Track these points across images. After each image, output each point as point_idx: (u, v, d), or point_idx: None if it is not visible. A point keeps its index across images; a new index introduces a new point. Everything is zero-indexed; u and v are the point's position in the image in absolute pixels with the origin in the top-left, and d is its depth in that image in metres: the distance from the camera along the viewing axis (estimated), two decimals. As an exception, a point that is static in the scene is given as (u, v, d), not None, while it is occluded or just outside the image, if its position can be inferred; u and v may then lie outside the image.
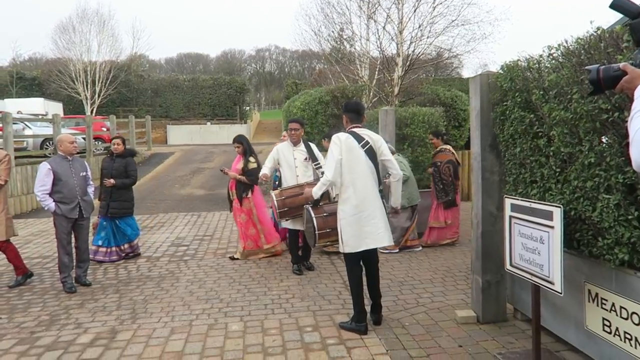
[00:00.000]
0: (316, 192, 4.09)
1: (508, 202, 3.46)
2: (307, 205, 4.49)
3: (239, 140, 6.42)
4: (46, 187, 5.17)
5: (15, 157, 11.27)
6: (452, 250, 6.64)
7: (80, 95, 31.70)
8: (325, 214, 4.40)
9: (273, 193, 5.49)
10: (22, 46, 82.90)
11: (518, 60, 3.58)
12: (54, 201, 5.19)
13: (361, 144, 3.91)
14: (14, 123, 14.62)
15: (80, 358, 3.64)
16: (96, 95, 31.98)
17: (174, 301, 4.88)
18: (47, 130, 15.17)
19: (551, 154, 3.25)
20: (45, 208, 5.24)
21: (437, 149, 6.92)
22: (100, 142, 18.60)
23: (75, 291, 5.23)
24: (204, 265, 6.20)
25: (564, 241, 2.94)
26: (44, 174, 5.18)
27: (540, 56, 3.34)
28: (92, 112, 30.76)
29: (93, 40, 32.99)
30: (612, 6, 2.15)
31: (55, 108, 26.26)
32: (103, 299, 5.01)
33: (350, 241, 3.89)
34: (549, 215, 3.02)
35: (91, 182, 5.67)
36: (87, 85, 31.70)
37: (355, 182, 3.88)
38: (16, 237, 8.08)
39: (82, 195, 5.36)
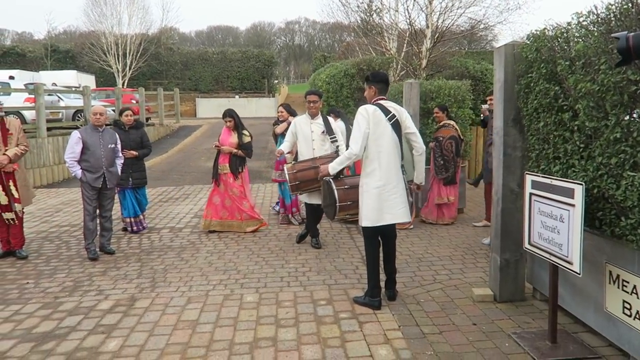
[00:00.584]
0: (335, 167, 4.02)
1: (529, 178, 3.33)
2: (328, 178, 4.44)
3: (230, 114, 6.39)
4: (74, 155, 5.34)
5: (48, 128, 11.56)
6: (475, 228, 6.51)
7: (112, 68, 32.18)
8: (346, 187, 4.35)
9: (286, 166, 5.46)
10: (55, 19, 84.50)
11: (545, 29, 3.39)
12: (80, 169, 5.35)
13: (388, 117, 3.83)
14: (49, 94, 15.05)
15: (99, 323, 3.75)
16: (127, 68, 32.41)
17: (192, 271, 4.96)
18: (78, 102, 15.48)
19: (576, 128, 3.09)
20: (73, 174, 5.42)
21: (441, 124, 6.75)
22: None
23: (97, 258, 5.38)
24: (225, 236, 6.27)
25: (585, 220, 2.82)
26: (74, 142, 5.36)
27: (569, 24, 3.15)
28: (123, 84, 31.25)
29: (124, 13, 33.29)
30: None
31: (88, 80, 26.75)
32: (125, 267, 5.14)
33: (370, 215, 3.85)
34: (570, 193, 2.89)
35: (120, 155, 5.78)
36: (118, 58, 32.12)
37: (380, 155, 3.82)
38: (47, 206, 8.38)
39: (107, 166, 5.48)
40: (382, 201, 3.83)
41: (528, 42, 3.57)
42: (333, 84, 11.39)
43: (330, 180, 4.35)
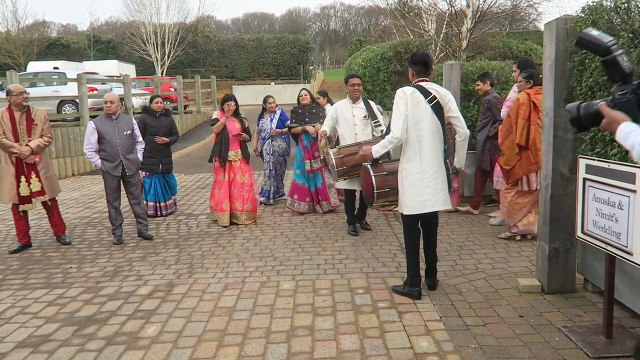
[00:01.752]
0: (378, 150, 3.84)
1: (583, 162, 3.10)
2: (366, 163, 4.31)
3: (235, 98, 6.22)
4: (92, 145, 5.40)
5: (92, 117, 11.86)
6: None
7: (152, 57, 32.82)
8: (385, 173, 4.21)
9: (332, 152, 5.31)
10: (97, 10, 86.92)
11: (603, 0, 3.12)
12: (100, 159, 5.43)
13: (428, 99, 3.64)
14: (102, 84, 15.48)
15: (139, 309, 3.78)
16: (166, 57, 33.00)
17: (229, 258, 4.96)
18: (120, 91, 15.84)
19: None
20: (93, 164, 5.53)
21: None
22: (168, 102, 19.23)
23: (122, 242, 5.52)
24: (261, 223, 6.25)
25: (647, 208, 2.59)
26: (89, 132, 5.42)
27: (630, -6, 2.88)
28: (162, 73, 31.82)
29: (162, 2, 33.90)
30: (579, 44, 2.04)
31: (129, 70, 27.40)
32: (164, 253, 5.18)
33: (411, 202, 3.70)
34: (631, 178, 2.66)
35: (140, 140, 5.75)
36: (157, 47, 32.72)
37: (421, 139, 3.65)
38: (90, 192, 8.60)
39: (125, 154, 5.49)
40: (424, 188, 3.66)
41: (583, 15, 3.31)
42: (370, 68, 11.17)
43: (369, 166, 4.21)
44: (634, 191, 2.64)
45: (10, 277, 4.60)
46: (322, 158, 6.13)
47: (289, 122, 6.85)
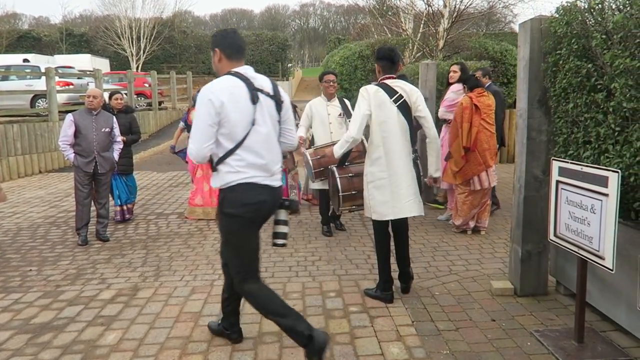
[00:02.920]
0: (337, 150, 3.71)
1: (556, 164, 3.06)
2: (332, 166, 4.20)
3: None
4: (67, 138, 5.22)
5: (69, 111, 11.46)
6: (493, 215, 6.23)
7: (126, 52, 32.14)
8: (350, 174, 4.10)
9: (307, 152, 5.19)
10: (70, 2, 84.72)
11: (577, 0, 3.08)
12: (73, 153, 5.23)
13: (393, 98, 3.50)
14: (78, 78, 15.00)
15: (99, 314, 3.60)
16: (141, 52, 32.35)
17: (198, 259, 4.80)
18: (92, 85, 15.40)
19: (610, 110, 2.81)
20: (65, 158, 5.34)
21: None
22: (142, 98, 18.82)
23: (86, 243, 5.29)
24: (234, 223, 6.09)
25: (619, 211, 2.55)
26: (67, 125, 5.23)
27: (604, -6, 2.84)
28: (137, 68, 31.20)
29: (137, -4, 33.10)
30: None
31: (102, 64, 26.70)
32: (130, 254, 4.99)
33: (378, 208, 3.58)
34: (603, 181, 2.62)
35: (118, 139, 5.60)
36: (132, 42, 32.06)
37: (386, 141, 3.51)
38: (57, 190, 8.30)
39: (100, 151, 5.32)
40: (390, 192, 3.53)
41: (557, 16, 3.26)
42: (347, 65, 11.08)
43: (334, 168, 4.10)
44: (606, 194, 2.60)
45: (-36, 280, 4.36)
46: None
47: None
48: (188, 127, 6.54)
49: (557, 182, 3.05)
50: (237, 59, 2.79)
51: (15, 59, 20.13)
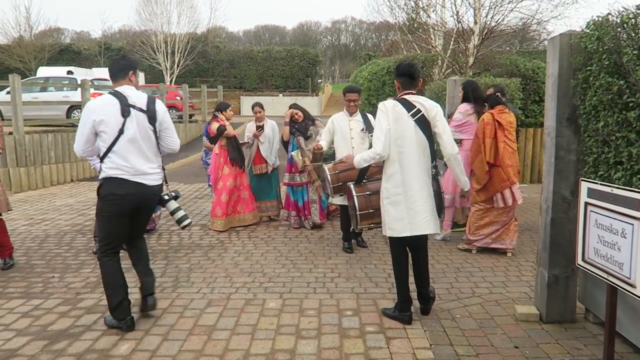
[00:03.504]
0: (359, 162, 3.63)
1: (584, 185, 2.91)
2: (350, 183, 4.14)
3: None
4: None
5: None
6: (520, 236, 6.01)
7: (161, 66, 32.98)
8: (368, 192, 4.00)
9: (326, 167, 5.15)
10: (109, 18, 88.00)
11: (608, 14, 2.96)
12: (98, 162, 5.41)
13: (411, 112, 3.43)
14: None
15: (115, 324, 3.61)
16: (175, 66, 33.14)
17: (217, 272, 4.78)
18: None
19: (644, 129, 2.66)
20: (92, 167, 5.47)
21: None
22: (174, 111, 19.21)
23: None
24: (255, 236, 6.09)
25: (652, 237, 2.40)
26: None
27: (638, 8, 2.72)
28: (171, 81, 31.94)
29: (173, 12, 34.18)
30: None
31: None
32: (151, 265, 5.00)
33: (394, 224, 3.49)
34: (635, 204, 2.47)
35: None
36: (166, 56, 32.88)
37: (402, 156, 3.43)
38: (86, 199, 8.48)
39: None
40: (406, 209, 3.44)
41: (588, 31, 3.15)
42: (375, 81, 11.06)
43: (352, 185, 4.02)
44: (638, 218, 2.45)
45: (-11, 284, 4.46)
46: (306, 172, 6.13)
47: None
48: (210, 138, 6.63)
49: (586, 203, 2.90)
50: (116, 80, 3.52)
51: (60, 71, 20.90)
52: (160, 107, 3.57)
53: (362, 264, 4.99)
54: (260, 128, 6.58)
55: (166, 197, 3.73)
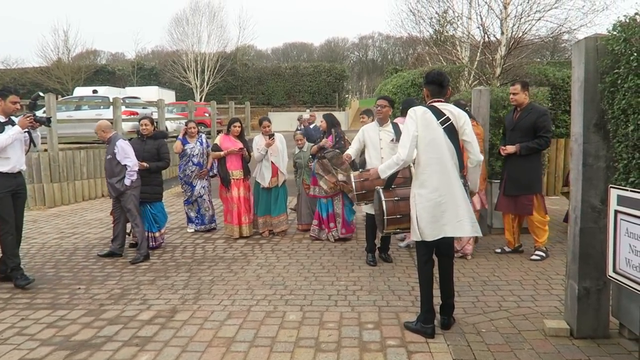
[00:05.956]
0: (384, 170, 3.63)
1: (614, 193, 2.79)
2: (378, 187, 4.10)
3: (240, 121, 6.88)
4: None
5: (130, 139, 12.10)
6: (551, 249, 5.81)
7: (191, 84, 33.78)
8: (396, 198, 3.95)
9: (352, 174, 5.14)
10: (143, 39, 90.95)
11: (636, 14, 2.85)
12: None
13: (440, 120, 3.41)
14: (143, 107, 15.97)
15: (136, 335, 3.63)
16: (205, 84, 33.89)
17: (239, 284, 4.77)
18: (155, 114, 16.24)
19: (676, 132, 2.53)
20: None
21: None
22: (202, 127, 19.57)
23: (106, 255, 5.82)
24: (278, 249, 6.06)
25: (687, 245, 2.26)
26: None
27: (666, 7, 2.61)
28: (200, 99, 32.66)
29: (203, 32, 35.04)
30: None
31: (168, 95, 28.20)
32: (174, 277, 5.05)
33: (427, 229, 3.42)
34: (667, 211, 2.34)
35: (127, 163, 5.60)
36: (197, 74, 33.69)
37: (433, 162, 3.41)
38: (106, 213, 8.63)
39: (107, 177, 5.74)
40: (441, 213, 3.40)
41: (614, 33, 3.04)
42: (400, 94, 10.98)
43: (380, 190, 3.99)
44: (672, 226, 2.31)
45: (18, 295, 4.56)
46: (331, 186, 6.18)
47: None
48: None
49: (616, 212, 2.77)
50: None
51: (87, 91, 21.63)
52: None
53: (385, 277, 4.89)
54: (272, 137, 6.60)
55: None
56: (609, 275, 2.85)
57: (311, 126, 9.44)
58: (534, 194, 5.34)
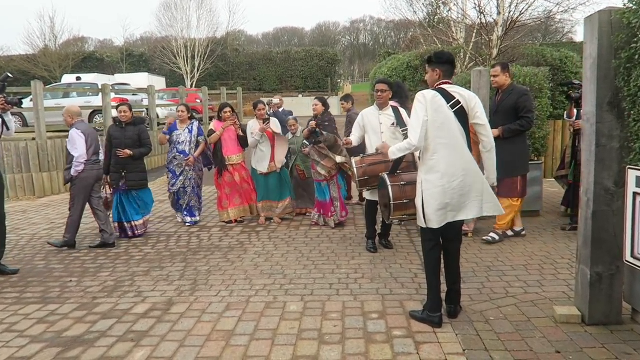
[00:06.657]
0: (394, 152, 3.48)
1: (632, 174, 2.66)
2: (383, 173, 3.95)
3: (231, 106, 6.69)
4: None
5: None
6: (553, 232, 5.71)
7: (181, 70, 33.27)
8: (402, 183, 3.82)
9: (354, 160, 5.00)
10: (131, 25, 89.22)
11: (655, -15, 2.69)
12: None
13: (451, 103, 3.26)
14: (133, 94, 15.64)
15: (131, 329, 3.48)
16: (195, 70, 33.39)
17: (236, 274, 4.63)
18: (145, 101, 15.91)
19: (700, 109, 2.39)
20: None
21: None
22: (194, 113, 19.26)
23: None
24: (276, 237, 5.92)
25: None
26: None
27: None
28: (191, 85, 32.19)
29: (193, 16, 34.41)
30: None
31: (159, 82, 27.72)
32: (169, 267, 4.90)
33: (434, 216, 3.28)
34: (694, 193, 2.21)
35: (74, 154, 5.51)
36: (187, 60, 33.17)
37: (443, 147, 3.26)
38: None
39: (65, 164, 5.76)
40: (451, 198, 3.26)
41: (631, 5, 2.87)
42: (395, 77, 10.80)
43: (386, 175, 3.84)
44: (699, 208, 2.18)
45: (7, 289, 4.39)
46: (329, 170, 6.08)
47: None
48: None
49: (635, 194, 2.64)
50: None
51: (70, 78, 21.17)
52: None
53: (387, 264, 4.77)
54: (267, 121, 6.42)
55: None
56: (626, 260, 2.73)
57: (280, 110, 9.46)
58: (518, 176, 5.24)
